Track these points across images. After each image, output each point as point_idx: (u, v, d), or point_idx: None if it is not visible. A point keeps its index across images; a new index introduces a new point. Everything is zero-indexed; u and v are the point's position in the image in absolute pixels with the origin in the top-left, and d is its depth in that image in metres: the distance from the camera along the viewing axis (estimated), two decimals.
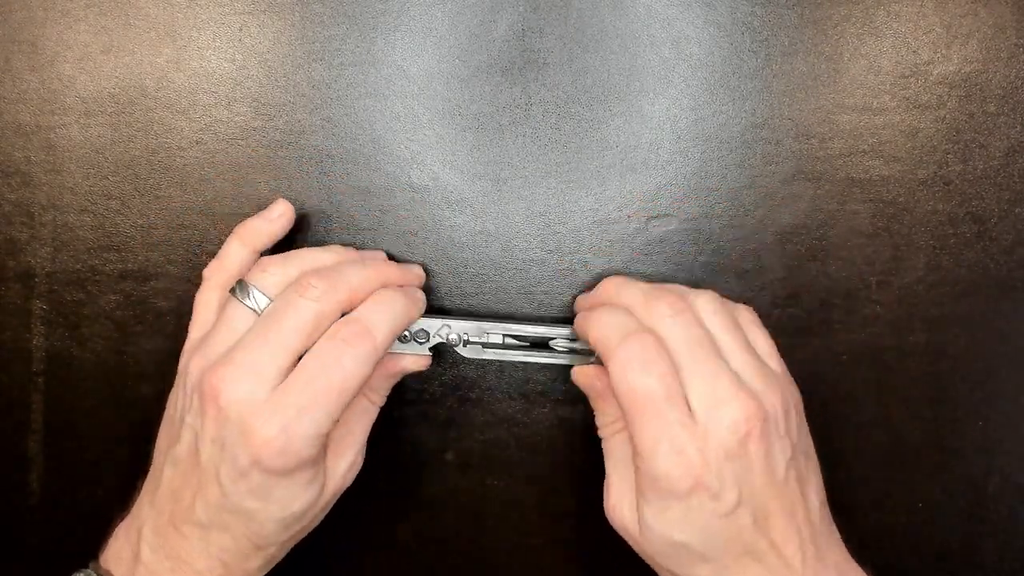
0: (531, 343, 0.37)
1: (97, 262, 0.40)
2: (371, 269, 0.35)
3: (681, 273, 0.40)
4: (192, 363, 0.34)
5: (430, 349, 0.37)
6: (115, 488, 0.41)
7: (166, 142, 0.39)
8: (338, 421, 0.33)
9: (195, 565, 0.32)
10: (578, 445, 0.41)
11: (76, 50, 0.39)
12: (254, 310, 0.34)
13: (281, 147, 0.39)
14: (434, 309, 0.39)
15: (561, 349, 0.37)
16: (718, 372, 0.32)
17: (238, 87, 0.39)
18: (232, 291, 0.35)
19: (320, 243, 0.40)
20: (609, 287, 0.36)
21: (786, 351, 0.37)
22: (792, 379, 0.35)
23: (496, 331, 0.37)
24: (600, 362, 0.34)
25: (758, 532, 0.32)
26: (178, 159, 0.39)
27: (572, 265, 0.40)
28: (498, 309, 0.40)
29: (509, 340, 0.37)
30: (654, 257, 0.40)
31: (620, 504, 0.34)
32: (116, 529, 0.35)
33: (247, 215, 0.39)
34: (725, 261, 0.40)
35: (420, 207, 0.39)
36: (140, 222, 0.40)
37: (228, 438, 0.31)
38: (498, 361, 0.40)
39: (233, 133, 0.39)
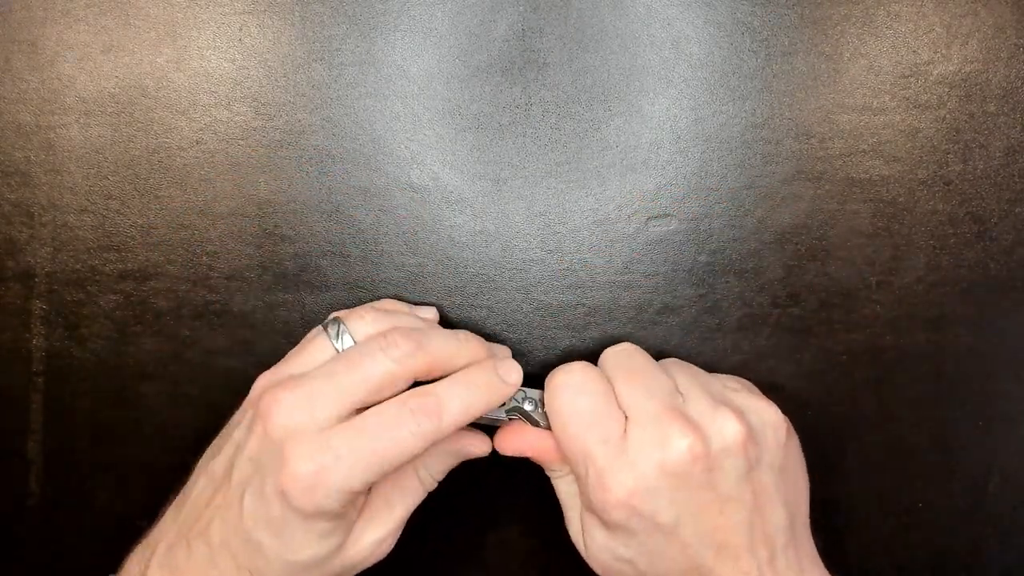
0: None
1: (97, 262, 0.40)
2: (458, 343, 0.34)
3: (681, 273, 0.40)
4: (259, 380, 0.34)
5: (507, 414, 0.35)
6: (115, 488, 0.41)
7: (166, 142, 0.39)
8: (374, 487, 0.32)
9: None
10: None
11: (76, 50, 0.39)
12: (337, 349, 0.34)
13: (281, 147, 0.39)
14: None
15: None
16: (662, 397, 0.33)
17: (238, 87, 0.39)
18: (324, 326, 0.35)
19: (318, 242, 0.40)
20: None
21: (786, 351, 0.37)
22: (769, 401, 0.35)
23: (533, 396, 0.35)
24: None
25: (705, 550, 0.32)
26: (178, 159, 0.39)
27: (572, 265, 0.40)
28: (498, 308, 0.40)
29: (528, 405, 0.35)
30: (654, 257, 0.40)
31: (571, 526, 0.36)
32: (136, 546, 0.34)
33: (247, 215, 0.39)
34: (725, 261, 0.40)
35: (420, 207, 0.39)
36: (140, 222, 0.40)
37: (265, 460, 0.31)
38: None
39: (233, 133, 0.39)
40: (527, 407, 0.35)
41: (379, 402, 0.31)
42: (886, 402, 0.41)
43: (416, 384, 0.33)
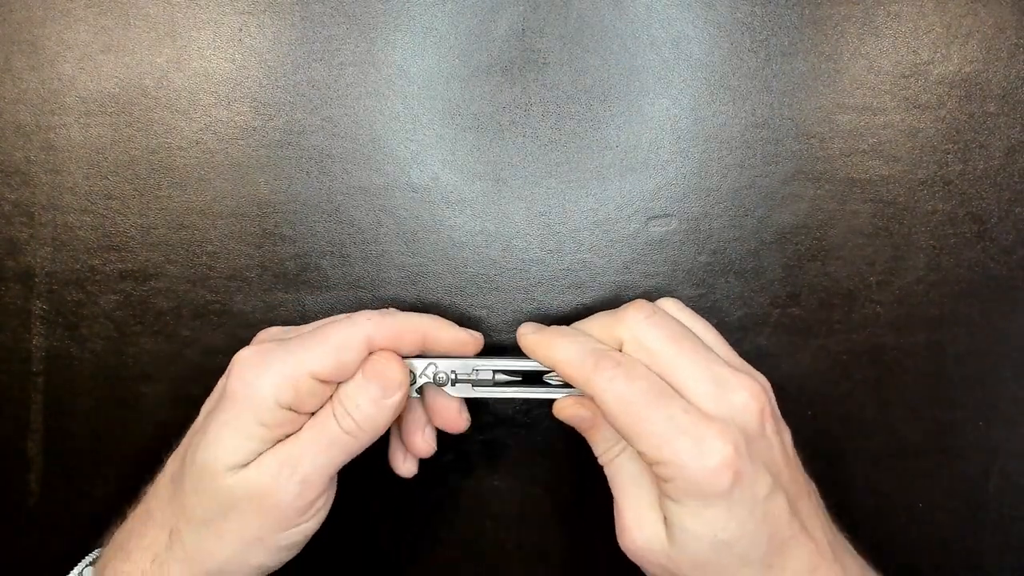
0: (523, 378, 0.36)
1: (97, 262, 0.40)
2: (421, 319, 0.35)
3: (681, 273, 0.40)
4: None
5: (417, 391, 0.35)
6: (115, 488, 0.41)
7: (166, 142, 0.39)
8: (314, 393, 0.33)
9: (155, 515, 0.33)
10: (578, 445, 0.41)
11: (76, 50, 0.39)
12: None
13: (281, 147, 0.39)
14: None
15: (555, 383, 0.35)
16: (710, 359, 0.31)
17: (238, 87, 0.39)
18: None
19: (318, 242, 0.40)
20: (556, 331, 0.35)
21: (786, 351, 0.37)
22: None
23: (486, 367, 0.35)
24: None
25: (793, 517, 0.30)
26: (178, 159, 0.39)
27: (572, 265, 0.40)
28: (498, 308, 0.40)
29: (500, 376, 0.36)
30: (654, 257, 0.40)
31: (638, 525, 0.32)
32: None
33: (247, 215, 0.39)
34: (725, 261, 0.40)
35: (420, 207, 0.39)
36: (140, 222, 0.40)
37: (215, 397, 0.34)
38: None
39: (233, 133, 0.39)
40: (439, 377, 0.35)
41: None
42: (886, 402, 0.41)
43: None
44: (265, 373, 0.31)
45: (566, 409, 0.35)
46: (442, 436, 0.41)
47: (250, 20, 0.38)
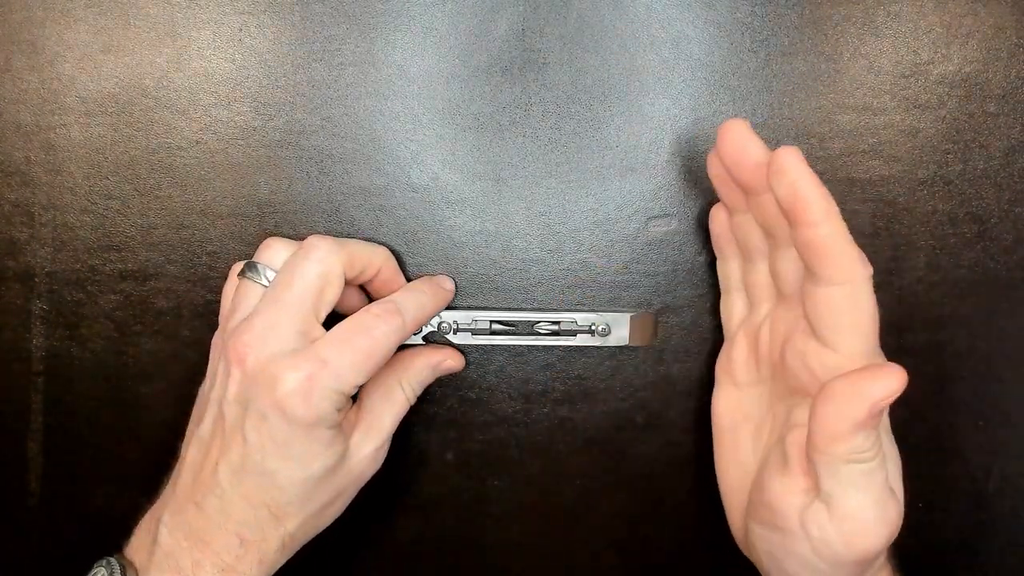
0: (517, 328, 0.39)
1: (97, 262, 0.40)
2: (368, 245, 0.36)
3: (681, 273, 0.40)
4: (214, 341, 0.36)
5: (423, 339, 0.39)
6: (115, 488, 0.41)
7: (166, 142, 0.39)
8: (364, 401, 0.35)
9: (212, 543, 0.32)
10: (578, 445, 0.41)
11: (76, 50, 0.39)
12: (265, 286, 0.35)
13: (281, 147, 0.39)
14: None
15: (545, 332, 0.39)
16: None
17: (238, 87, 0.39)
18: (241, 273, 0.36)
19: None
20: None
21: None
22: None
23: (484, 318, 0.39)
24: None
25: None
26: (178, 159, 0.39)
27: (572, 265, 0.40)
28: (497, 308, 0.40)
29: (496, 327, 0.39)
30: (654, 257, 0.40)
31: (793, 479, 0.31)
32: (140, 520, 0.35)
33: (247, 215, 0.39)
34: None
35: (420, 207, 0.39)
36: (140, 222, 0.40)
37: (253, 393, 0.32)
38: (490, 350, 0.40)
39: (233, 133, 0.39)
40: (443, 327, 0.39)
41: (332, 310, 0.34)
42: None
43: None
44: (320, 382, 0.32)
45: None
46: (442, 436, 0.41)
47: (250, 20, 0.38)
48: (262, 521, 0.33)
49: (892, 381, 0.28)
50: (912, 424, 0.41)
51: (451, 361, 0.39)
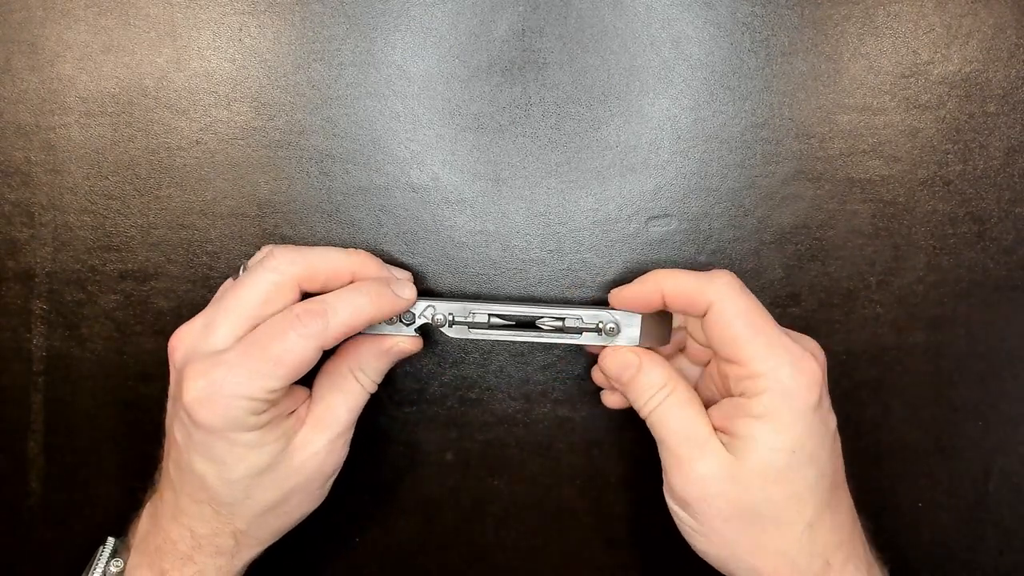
0: (517, 323, 0.36)
1: (97, 262, 0.40)
2: (341, 254, 0.35)
3: None
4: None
5: (416, 331, 0.36)
6: (115, 488, 0.41)
7: (166, 142, 0.39)
8: (314, 394, 0.35)
9: (171, 533, 0.33)
10: (578, 445, 0.41)
11: (76, 50, 0.39)
12: None
13: (281, 147, 0.39)
14: (423, 293, 0.39)
15: (547, 328, 0.36)
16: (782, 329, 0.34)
17: (238, 87, 0.39)
18: (236, 273, 0.36)
19: (318, 242, 0.40)
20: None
21: None
22: None
23: (482, 311, 0.36)
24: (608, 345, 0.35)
25: (842, 468, 0.34)
26: (178, 159, 0.39)
27: (572, 265, 0.40)
28: (498, 300, 0.40)
29: (495, 320, 0.36)
30: (654, 257, 0.40)
31: (699, 456, 0.33)
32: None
33: (247, 215, 0.39)
34: (725, 261, 0.40)
35: (420, 207, 0.39)
36: (140, 222, 0.40)
37: (176, 392, 0.32)
38: (490, 349, 0.40)
39: (233, 133, 0.39)
40: (437, 319, 0.36)
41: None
42: (886, 402, 0.41)
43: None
44: (223, 388, 0.31)
45: (612, 357, 0.35)
46: (442, 436, 0.41)
47: (250, 20, 0.38)
48: (207, 517, 0.33)
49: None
50: (912, 424, 0.41)
51: (404, 344, 0.36)
